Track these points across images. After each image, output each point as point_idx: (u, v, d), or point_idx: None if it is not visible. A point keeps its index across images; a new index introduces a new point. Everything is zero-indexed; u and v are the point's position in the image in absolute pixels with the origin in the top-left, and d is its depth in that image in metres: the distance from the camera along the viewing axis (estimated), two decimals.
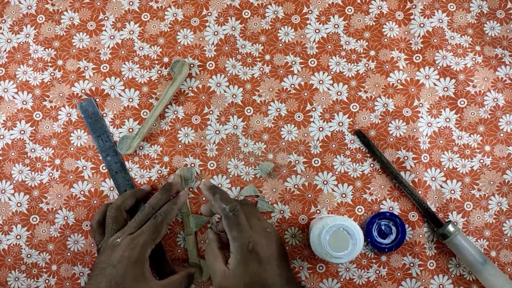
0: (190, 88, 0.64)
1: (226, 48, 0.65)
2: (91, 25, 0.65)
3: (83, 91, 0.64)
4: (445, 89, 0.64)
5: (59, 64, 0.65)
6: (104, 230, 0.59)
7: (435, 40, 0.64)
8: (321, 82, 0.64)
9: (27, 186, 0.63)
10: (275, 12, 0.65)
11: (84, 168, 0.64)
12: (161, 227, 0.56)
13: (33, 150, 0.64)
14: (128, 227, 0.57)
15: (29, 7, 0.65)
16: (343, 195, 0.63)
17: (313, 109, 0.64)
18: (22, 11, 0.65)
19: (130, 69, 0.65)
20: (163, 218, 0.57)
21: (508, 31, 0.64)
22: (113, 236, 0.56)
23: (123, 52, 0.65)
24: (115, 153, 0.63)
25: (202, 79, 0.64)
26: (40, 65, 0.65)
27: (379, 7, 0.65)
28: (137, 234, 0.55)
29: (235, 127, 0.64)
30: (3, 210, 0.63)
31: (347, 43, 0.64)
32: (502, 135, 0.63)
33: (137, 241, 0.54)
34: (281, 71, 0.64)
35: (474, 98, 0.63)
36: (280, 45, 0.65)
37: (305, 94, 0.64)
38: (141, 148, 0.64)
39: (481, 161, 0.63)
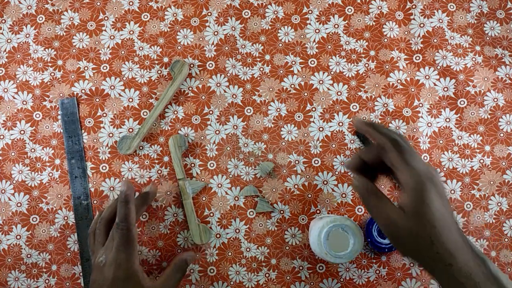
0: (190, 88, 0.64)
1: (226, 48, 0.65)
2: (91, 25, 0.65)
3: (83, 91, 0.64)
4: (445, 89, 0.64)
5: (59, 64, 0.65)
6: None
7: (435, 40, 0.64)
8: (321, 82, 0.64)
9: (27, 186, 0.63)
10: (275, 12, 0.65)
11: (84, 168, 0.64)
12: (129, 234, 0.55)
13: (33, 150, 0.64)
14: (109, 242, 0.56)
15: (29, 7, 0.65)
16: (343, 195, 0.63)
17: (313, 109, 0.64)
18: (22, 11, 0.65)
19: (130, 69, 0.65)
20: (128, 225, 0.55)
21: (508, 31, 0.64)
22: (98, 254, 0.56)
23: (123, 52, 0.65)
24: (81, 159, 0.63)
25: (202, 79, 0.64)
26: (40, 65, 0.65)
27: (379, 7, 0.65)
28: (115, 253, 0.55)
29: (235, 127, 0.64)
30: (3, 210, 0.63)
31: (347, 43, 0.64)
32: (502, 135, 0.63)
33: (120, 259, 0.54)
34: (281, 71, 0.64)
35: (474, 98, 0.63)
36: (280, 45, 0.65)
37: (305, 94, 0.64)
38: (141, 148, 0.64)
39: (481, 161, 0.63)
